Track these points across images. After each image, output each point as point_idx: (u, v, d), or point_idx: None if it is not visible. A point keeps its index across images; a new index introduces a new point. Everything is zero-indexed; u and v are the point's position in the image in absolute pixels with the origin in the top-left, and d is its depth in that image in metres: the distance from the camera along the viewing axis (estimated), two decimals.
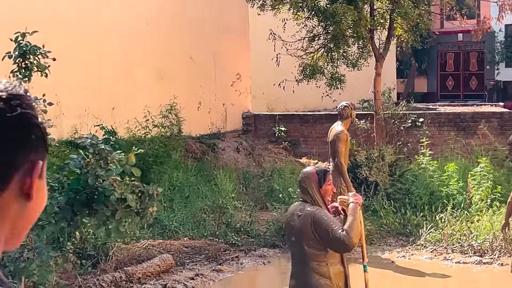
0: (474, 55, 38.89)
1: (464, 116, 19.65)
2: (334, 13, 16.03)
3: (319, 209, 5.74)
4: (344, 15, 16.07)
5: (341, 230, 5.53)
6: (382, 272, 11.05)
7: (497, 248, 11.44)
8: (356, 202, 5.78)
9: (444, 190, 13.58)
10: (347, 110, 12.02)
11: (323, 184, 5.84)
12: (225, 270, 11.19)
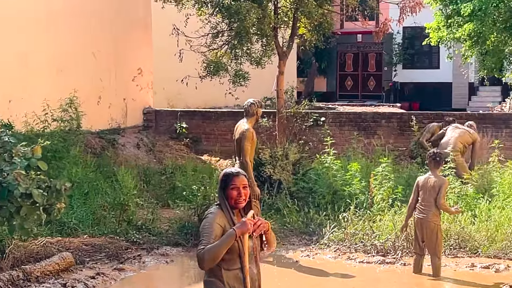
0: (373, 56, 39.50)
1: (365, 116, 19.85)
2: (238, 10, 15.89)
3: (210, 215, 5.50)
4: (248, 12, 15.95)
5: (203, 246, 5.28)
6: (286, 271, 10.98)
7: (399, 248, 11.53)
8: (239, 229, 5.28)
9: (347, 190, 13.63)
10: (253, 107, 11.90)
11: (226, 188, 5.55)
12: (126, 269, 10.89)
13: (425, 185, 10.26)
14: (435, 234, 10.24)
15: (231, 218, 5.45)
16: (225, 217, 5.46)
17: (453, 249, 11.54)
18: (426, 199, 10.23)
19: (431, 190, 10.18)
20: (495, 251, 11.26)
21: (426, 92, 36.18)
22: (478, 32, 25.13)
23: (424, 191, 10.26)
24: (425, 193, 10.24)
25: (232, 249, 5.38)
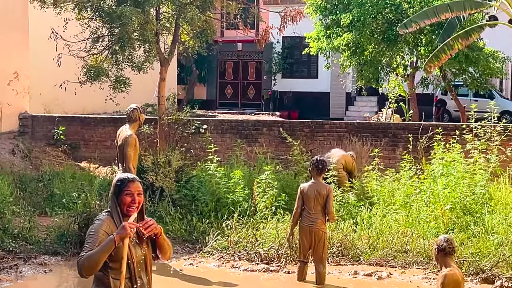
0: (253, 65, 39.75)
1: (247, 124, 19.86)
2: (121, 15, 15.60)
3: (97, 221, 5.30)
4: (130, 17, 15.68)
5: (84, 253, 5.11)
6: (169, 280, 10.78)
7: (283, 256, 11.51)
8: (118, 233, 5.11)
9: (230, 197, 13.53)
10: (136, 113, 11.66)
11: (120, 194, 5.35)
12: (2, 279, 10.45)
13: (310, 193, 10.25)
14: (323, 242, 10.27)
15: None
16: (114, 224, 5.25)
17: (336, 257, 11.62)
18: (313, 207, 10.22)
19: (318, 197, 10.18)
20: (377, 259, 11.40)
21: (305, 101, 36.67)
22: (357, 43, 25.70)
23: (309, 199, 10.24)
24: (311, 201, 10.22)
25: (119, 257, 5.18)
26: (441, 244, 7.65)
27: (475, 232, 11.70)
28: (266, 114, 34.23)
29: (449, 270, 7.41)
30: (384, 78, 28.87)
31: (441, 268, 7.56)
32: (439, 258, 7.67)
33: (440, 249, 7.62)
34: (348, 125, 19.28)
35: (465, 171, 13.41)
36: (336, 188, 13.22)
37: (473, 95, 32.12)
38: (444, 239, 7.75)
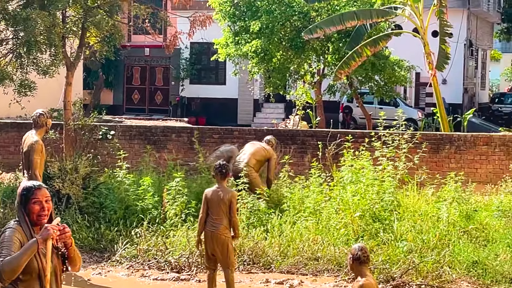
0: (160, 70, 39.44)
1: (155, 130, 19.67)
2: (26, 18, 15.17)
3: (9, 229, 5.10)
4: (36, 20, 15.27)
5: (2, 258, 4.92)
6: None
7: (194, 264, 11.36)
8: (41, 235, 4.97)
9: (140, 204, 13.29)
10: (42, 118, 11.33)
11: (27, 203, 5.16)
12: None
13: (213, 198, 10.06)
14: (226, 247, 10.09)
15: (32, 235, 5.05)
16: (24, 234, 5.05)
17: (247, 265, 11.53)
18: (216, 213, 10.07)
19: (221, 203, 10.02)
20: (288, 267, 11.36)
21: (213, 107, 36.60)
22: (265, 49, 25.78)
23: (213, 204, 10.08)
24: (215, 207, 10.07)
25: (30, 269, 5.00)
26: (356, 253, 7.58)
27: (384, 239, 11.81)
28: (174, 120, 34.01)
29: (365, 280, 7.36)
30: (292, 85, 29.07)
31: (356, 277, 7.48)
32: (354, 267, 7.60)
33: (355, 258, 7.55)
34: (257, 132, 19.29)
35: (374, 178, 13.55)
36: (247, 195, 13.16)
37: (378, 103, 32.69)
38: (358, 247, 7.70)
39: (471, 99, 40.50)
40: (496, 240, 11.65)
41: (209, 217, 10.09)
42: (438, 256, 10.95)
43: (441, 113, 22.45)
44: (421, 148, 15.74)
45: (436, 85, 22.53)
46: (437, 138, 18.29)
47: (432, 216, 12.64)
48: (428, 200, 13.60)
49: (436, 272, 10.60)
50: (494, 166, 17.69)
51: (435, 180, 14.25)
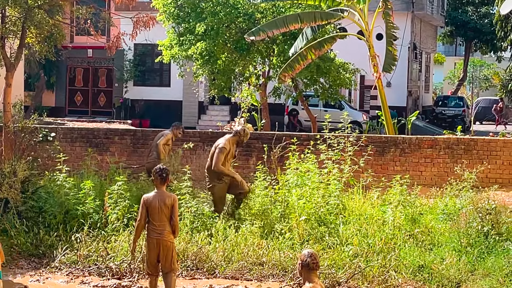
0: (104, 72, 38.91)
1: (98, 132, 19.29)
2: None
3: None
4: None
5: None
6: None
7: (135, 270, 11.06)
8: None
9: (80, 209, 12.93)
10: None
11: None
12: None
13: (154, 204, 9.79)
14: (171, 252, 9.85)
15: None
16: None
17: (190, 270, 11.28)
18: (159, 218, 9.79)
19: (164, 208, 9.75)
20: (232, 272, 11.14)
21: (157, 109, 36.22)
22: (210, 51, 25.53)
23: (154, 210, 9.79)
24: (156, 213, 9.78)
25: None
26: (305, 259, 7.54)
27: (330, 243, 11.67)
28: (118, 122, 33.52)
29: (311, 285, 7.30)
30: (237, 87, 28.88)
31: (304, 283, 7.41)
32: (303, 273, 7.56)
33: (304, 264, 7.52)
34: (202, 134, 19.05)
35: (319, 181, 13.43)
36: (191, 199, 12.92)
37: (323, 106, 32.68)
38: (308, 254, 7.63)
39: (415, 102, 40.80)
40: (441, 243, 11.60)
41: (150, 223, 9.80)
42: (384, 260, 10.85)
43: (386, 116, 22.48)
44: (366, 151, 15.70)
45: (381, 88, 22.55)
46: (382, 141, 18.26)
47: (378, 219, 12.55)
48: (374, 204, 13.52)
49: (382, 277, 10.50)
50: (439, 169, 17.72)
51: (381, 183, 14.18)
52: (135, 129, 21.52)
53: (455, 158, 17.61)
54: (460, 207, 13.08)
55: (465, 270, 10.49)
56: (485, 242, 11.33)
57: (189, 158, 18.13)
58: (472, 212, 12.19)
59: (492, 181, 16.78)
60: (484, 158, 17.37)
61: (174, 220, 9.75)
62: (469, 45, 49.66)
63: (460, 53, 62.60)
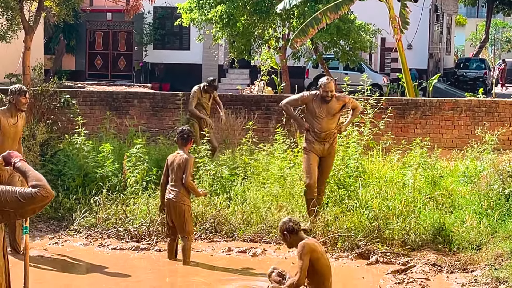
0: (123, 36, 38.84)
1: (117, 95, 19.26)
2: None
3: None
4: None
5: None
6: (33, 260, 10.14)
7: (154, 233, 11.06)
8: None
9: (99, 172, 12.92)
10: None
11: None
12: None
13: (172, 164, 9.88)
14: (183, 215, 9.85)
15: None
16: None
17: (209, 233, 11.25)
18: (174, 179, 9.86)
19: (178, 168, 9.81)
20: (251, 235, 11.11)
21: (177, 73, 36.16)
22: (230, 14, 25.37)
23: (172, 170, 9.88)
24: (173, 172, 9.87)
25: None
26: (287, 226, 7.95)
27: (349, 206, 11.60)
28: (137, 86, 33.53)
29: (305, 240, 7.82)
30: (256, 50, 28.75)
31: (297, 245, 7.85)
32: (292, 239, 7.97)
33: (290, 230, 7.94)
34: (221, 98, 18.92)
35: (338, 144, 13.32)
36: (210, 162, 12.90)
37: (343, 68, 32.47)
38: (286, 221, 8.06)
39: (436, 64, 40.45)
40: (462, 206, 11.49)
41: (169, 184, 9.89)
42: (403, 223, 10.77)
43: (407, 79, 22.28)
44: (386, 114, 15.55)
45: (402, 50, 22.33)
46: (403, 103, 18.10)
47: (398, 182, 12.45)
48: (394, 166, 13.41)
49: (401, 239, 10.43)
50: (459, 131, 17.57)
51: (401, 146, 14.06)
52: (154, 92, 21.46)
53: (476, 120, 17.44)
54: (481, 170, 12.95)
55: (485, 232, 10.39)
56: (506, 204, 11.21)
57: None
58: (493, 175, 12.06)
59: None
60: (505, 120, 17.19)
61: (186, 179, 9.77)
62: (491, 6, 49.02)
63: (482, 15, 61.90)
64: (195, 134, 13.23)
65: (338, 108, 11.26)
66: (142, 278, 9.62)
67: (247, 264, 9.97)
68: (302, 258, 7.72)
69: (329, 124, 11.22)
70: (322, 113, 11.14)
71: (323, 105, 11.11)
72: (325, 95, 11.01)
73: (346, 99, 11.56)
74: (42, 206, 4.80)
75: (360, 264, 9.96)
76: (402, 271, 9.47)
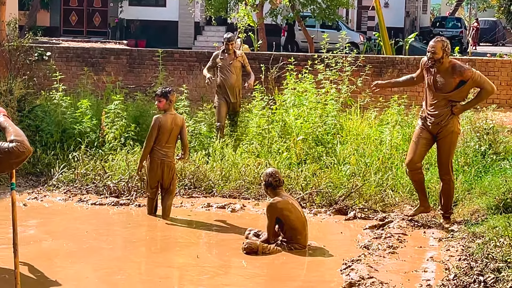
0: None
1: (93, 51, 19.13)
2: None
3: None
4: None
5: None
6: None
7: (133, 189, 11.10)
8: None
9: (77, 128, 12.92)
10: None
11: None
12: None
13: (167, 125, 9.87)
14: (174, 173, 9.98)
15: None
16: None
17: (188, 189, 11.32)
18: (168, 140, 9.87)
19: (175, 128, 9.86)
20: (230, 191, 11.18)
21: (152, 30, 35.91)
22: None
23: (166, 131, 9.85)
24: (166, 133, 9.85)
25: None
26: (267, 179, 8.44)
27: (327, 163, 11.69)
28: (113, 43, 33.28)
29: (273, 199, 8.37)
30: (233, 7, 28.56)
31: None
32: (269, 192, 8.53)
33: (267, 184, 8.46)
34: (198, 55, 18.90)
35: (316, 101, 13.37)
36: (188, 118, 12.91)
37: (320, 26, 32.40)
38: (269, 173, 8.50)
39: (412, 23, 40.49)
40: None
41: (156, 144, 9.87)
42: (381, 180, 10.88)
43: (383, 37, 22.29)
44: (364, 71, 15.59)
45: (379, 9, 22.33)
46: (380, 61, 18.15)
47: (375, 139, 12.55)
48: (371, 124, 13.49)
49: (379, 196, 10.54)
50: None
51: (378, 104, 14.14)
52: (131, 49, 21.34)
53: None
54: None
55: (462, 189, 10.53)
56: (482, 161, 11.35)
57: (186, 78, 18.06)
58: (470, 132, 12.19)
59: (490, 101, 16.72)
60: None
61: (186, 140, 9.93)
62: None
63: None
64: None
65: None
66: (122, 233, 9.66)
67: (226, 220, 10.04)
68: (268, 218, 8.43)
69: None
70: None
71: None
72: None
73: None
74: (20, 161, 4.81)
75: (338, 219, 10.06)
76: (379, 227, 9.58)
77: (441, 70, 9.21)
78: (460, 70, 9.13)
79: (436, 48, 9.16)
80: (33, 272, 7.88)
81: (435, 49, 9.15)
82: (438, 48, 9.16)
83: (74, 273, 7.91)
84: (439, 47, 9.17)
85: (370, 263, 8.03)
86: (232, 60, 13.01)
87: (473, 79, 9.09)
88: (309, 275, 7.98)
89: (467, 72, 9.11)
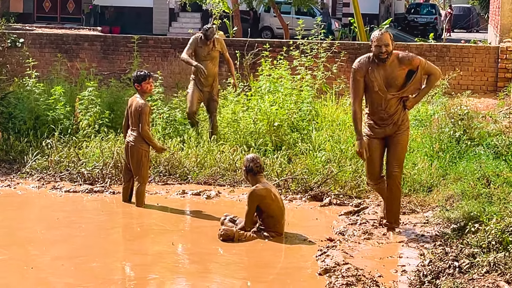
0: None
1: (67, 38, 18.96)
2: None
3: None
4: None
5: None
6: None
7: (108, 176, 11.02)
8: None
9: (51, 115, 12.81)
10: None
11: None
12: None
13: (131, 107, 9.85)
14: (140, 159, 9.82)
15: None
16: None
17: (163, 176, 11.26)
18: (131, 122, 9.85)
19: (135, 113, 9.77)
20: (205, 178, 11.13)
21: (127, 16, 35.72)
22: None
23: (130, 113, 9.85)
24: (131, 116, 9.83)
25: None
26: (248, 165, 8.43)
27: (302, 149, 11.68)
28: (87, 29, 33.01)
29: (255, 187, 8.34)
30: None
31: (253, 185, 8.40)
32: (249, 178, 8.51)
33: (248, 170, 8.44)
34: (173, 41, 18.78)
35: (292, 87, 13.35)
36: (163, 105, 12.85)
37: (295, 13, 32.36)
38: (250, 159, 8.49)
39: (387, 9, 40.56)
40: (413, 149, 11.62)
41: (127, 126, 9.92)
42: (356, 166, 10.88)
43: (359, 23, 22.28)
44: (339, 58, 15.58)
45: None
46: (355, 47, 18.10)
47: (350, 125, 12.53)
48: (346, 110, 13.49)
49: (354, 182, 10.53)
50: None
51: None
52: (105, 35, 21.17)
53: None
54: (432, 113, 13.10)
55: (436, 174, 10.55)
56: (457, 147, 11.37)
57: (161, 65, 17.96)
58: (445, 118, 12.21)
59: (464, 87, 16.80)
60: (456, 64, 17.31)
61: (142, 129, 9.72)
62: None
63: None
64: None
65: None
66: (96, 220, 9.59)
67: (201, 206, 10.00)
68: (248, 205, 8.38)
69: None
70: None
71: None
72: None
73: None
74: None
75: (313, 206, 10.05)
76: (355, 213, 9.58)
77: (387, 64, 8.33)
78: (408, 58, 8.35)
79: (387, 40, 8.21)
80: (7, 260, 7.82)
81: (387, 41, 8.21)
82: (388, 40, 8.23)
83: (49, 261, 7.85)
84: (389, 38, 8.25)
85: (346, 249, 8.03)
86: (210, 50, 12.83)
87: (422, 66, 8.35)
88: (285, 262, 7.97)
89: (415, 60, 8.36)
